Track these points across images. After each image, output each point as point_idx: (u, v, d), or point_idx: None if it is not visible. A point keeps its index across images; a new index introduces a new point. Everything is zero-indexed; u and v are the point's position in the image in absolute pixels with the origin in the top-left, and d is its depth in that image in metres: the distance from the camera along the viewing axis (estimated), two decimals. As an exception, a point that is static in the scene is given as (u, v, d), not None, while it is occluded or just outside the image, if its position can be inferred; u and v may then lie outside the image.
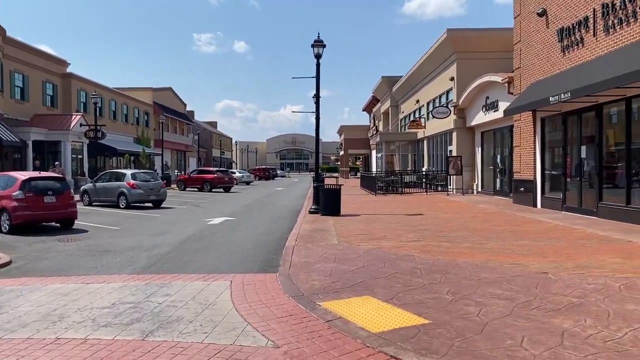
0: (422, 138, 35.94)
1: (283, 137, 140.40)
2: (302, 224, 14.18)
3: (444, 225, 13.41)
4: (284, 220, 16.71)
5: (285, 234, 12.73)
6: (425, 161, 35.35)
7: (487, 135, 25.90)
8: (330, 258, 8.99)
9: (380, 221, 14.67)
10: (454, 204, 20.62)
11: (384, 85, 48.99)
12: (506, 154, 23.25)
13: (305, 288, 6.99)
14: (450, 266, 8.04)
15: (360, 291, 6.70)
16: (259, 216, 18.62)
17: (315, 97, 17.87)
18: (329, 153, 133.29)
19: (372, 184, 29.70)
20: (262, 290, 7.10)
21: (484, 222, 13.99)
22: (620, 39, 12.46)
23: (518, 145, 19.26)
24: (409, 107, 40.96)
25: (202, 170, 41.80)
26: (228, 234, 13.66)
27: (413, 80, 38.25)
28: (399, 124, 46.31)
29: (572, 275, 7.12)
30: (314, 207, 17.53)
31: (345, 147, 70.61)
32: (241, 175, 54.36)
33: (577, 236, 10.91)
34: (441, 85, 30.97)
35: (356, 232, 12.41)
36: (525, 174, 18.66)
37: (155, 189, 23.00)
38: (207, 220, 17.06)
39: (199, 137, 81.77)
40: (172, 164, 63.15)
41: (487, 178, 26.09)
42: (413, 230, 12.58)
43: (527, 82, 18.30)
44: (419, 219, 15.07)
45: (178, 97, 69.60)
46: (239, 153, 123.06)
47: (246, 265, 9.34)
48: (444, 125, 29.44)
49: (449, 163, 26.53)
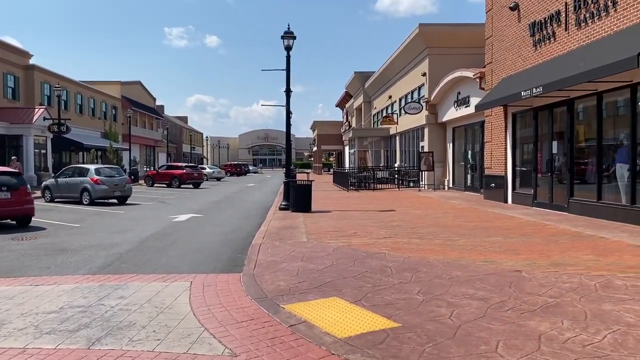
0: (394, 134, 35.83)
1: (256, 132, 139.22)
2: (271, 221, 13.77)
3: (416, 222, 13.16)
4: (252, 217, 16.26)
5: (252, 232, 12.30)
6: (397, 157, 35.26)
7: (459, 131, 25.87)
8: (298, 257, 8.61)
9: (352, 218, 14.36)
10: (426, 200, 20.47)
11: (356, 81, 48.76)
12: (477, 150, 23.23)
13: (270, 289, 6.60)
14: (421, 264, 7.75)
15: (327, 292, 6.34)
16: (227, 213, 18.12)
17: (286, 90, 17.44)
18: (302, 149, 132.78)
19: (344, 180, 29.42)
20: (223, 292, 6.69)
21: (455, 218, 13.80)
22: (592, 33, 12.38)
23: (489, 140, 19.19)
24: (381, 103, 40.82)
25: (171, 165, 40.90)
26: (193, 231, 13.16)
27: (385, 76, 38.10)
28: (371, 119, 46.16)
29: (546, 274, 6.90)
30: (284, 203, 17.13)
31: (318, 143, 70.28)
32: (212, 171, 53.48)
33: (549, 232, 10.77)
34: (413, 81, 30.85)
35: (326, 229, 12.06)
36: (496, 169, 18.59)
37: (120, 185, 22.25)
38: (172, 217, 16.49)
39: (169, 132, 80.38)
40: (140, 160, 61.87)
41: (458, 174, 26.07)
42: (384, 226, 12.29)
43: (498, 77, 18.21)
44: (390, 215, 14.81)
45: (147, 91, 68.20)
46: (211, 149, 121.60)
47: (209, 264, 8.90)
48: (416, 121, 29.34)
49: (421, 159, 26.43)
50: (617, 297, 5.67)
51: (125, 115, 56.19)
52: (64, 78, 43.53)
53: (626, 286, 6.12)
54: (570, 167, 13.87)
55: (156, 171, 39.70)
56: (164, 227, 14.10)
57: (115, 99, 55.56)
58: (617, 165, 12.24)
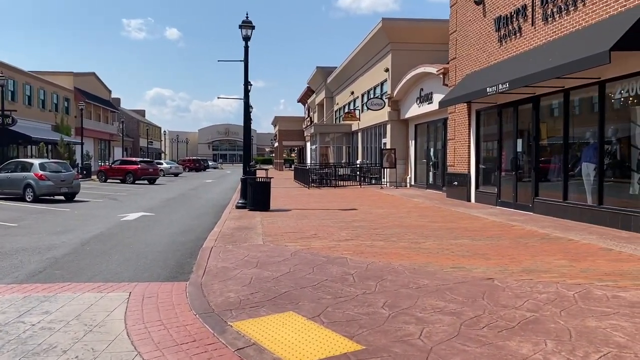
0: (356, 130, 35.36)
1: (216, 127, 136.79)
2: (226, 221, 12.95)
3: (379, 222, 12.59)
4: (207, 216, 15.38)
5: (205, 233, 11.47)
6: (359, 154, 34.81)
7: (421, 128, 25.55)
8: (252, 262, 7.88)
9: (312, 217, 13.68)
10: (388, 198, 20.00)
11: (318, 76, 48.10)
12: (439, 147, 22.93)
13: (218, 302, 5.85)
14: (386, 271, 7.14)
15: (282, 305, 5.65)
16: (181, 211, 17.16)
17: (244, 82, 16.59)
18: (263, 145, 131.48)
19: (305, 176, 28.74)
20: (165, 306, 5.91)
21: (419, 218, 13.31)
22: (559, 29, 12.05)
23: (452, 138, 18.85)
24: (343, 99, 40.30)
25: (125, 160, 39.35)
26: (141, 232, 12.21)
27: (348, 72, 37.57)
28: (333, 115, 45.62)
29: (520, 282, 6.39)
30: (241, 201, 16.31)
31: (280, 139, 69.33)
32: (169, 167, 51.95)
33: (517, 234, 10.37)
34: (376, 76, 30.41)
35: (285, 229, 11.34)
36: (459, 167, 18.26)
37: (67, 181, 20.93)
38: (121, 216, 15.45)
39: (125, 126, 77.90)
40: (95, 154, 59.58)
41: (421, 171, 25.77)
42: (346, 227, 11.67)
43: (462, 73, 17.86)
44: (352, 215, 14.21)
45: (102, 83, 65.74)
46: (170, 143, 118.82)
47: (153, 271, 8.06)
48: (379, 117, 28.91)
49: (383, 156, 25.99)
50: (599, 311, 5.18)
51: (77, 108, 54.00)
52: (9, 67, 41.22)
53: (607, 297, 5.65)
54: (535, 166, 13.57)
55: (109, 166, 38.11)
56: (110, 227, 13.10)
57: (68, 91, 53.23)
58: (582, 164, 11.97)
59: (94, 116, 61.45)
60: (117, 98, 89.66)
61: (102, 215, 15.88)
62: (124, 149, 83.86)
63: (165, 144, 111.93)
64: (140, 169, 35.92)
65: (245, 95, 16.46)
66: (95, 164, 53.61)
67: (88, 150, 52.09)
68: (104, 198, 22.67)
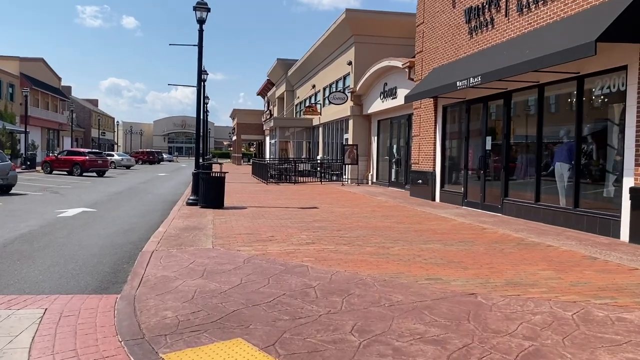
0: (317, 125, 34.42)
1: (172, 119, 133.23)
2: (174, 220, 11.76)
3: (342, 222, 11.66)
4: (153, 214, 14.11)
5: (149, 233, 10.27)
6: (320, 149, 33.88)
7: (384, 124, 24.82)
8: (197, 270, 6.79)
9: (270, 216, 12.63)
10: (350, 196, 19.13)
11: (279, 69, 46.86)
12: (403, 144, 22.24)
13: (151, 324, 4.78)
14: (352, 283, 6.19)
15: (229, 329, 4.62)
16: (126, 207, 15.78)
17: (198, 69, 15.35)
18: (221, 138, 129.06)
19: (263, 171, 27.60)
20: (85, 328, 4.80)
21: (384, 219, 12.46)
22: (536, 20, 11.38)
23: (417, 134, 18.12)
24: (304, 92, 39.26)
25: (72, 151, 37.13)
26: (77, 231, 10.88)
27: (310, 64, 36.55)
28: (294, 109, 44.53)
29: (507, 299, 5.55)
30: (192, 198, 15.09)
31: (238, 132, 67.68)
32: (120, 159, 49.68)
33: (490, 238, 9.62)
34: (339, 70, 29.52)
35: (239, 230, 10.26)
36: (424, 165, 17.55)
37: (1, 172, 19.14)
38: (59, 212, 14.01)
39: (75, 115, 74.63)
40: (42, 144, 56.54)
41: (383, 169, 25.05)
42: (307, 228, 10.67)
43: (429, 67, 17.12)
44: (313, 214, 13.23)
45: (52, 69, 62.55)
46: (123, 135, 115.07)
47: (81, 279, 6.87)
48: (341, 112, 28.04)
49: (345, 152, 25.14)
50: (608, 339, 4.37)
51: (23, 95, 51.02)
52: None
53: (610, 320, 4.87)
54: (505, 165, 12.94)
55: (55, 157, 35.85)
56: (44, 224, 11.70)
57: (12, 77, 50.26)
58: (556, 164, 11.37)
59: (42, 104, 58.36)
60: (68, 86, 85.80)
61: (37, 210, 14.38)
62: (75, 140, 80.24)
63: (119, 135, 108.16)
64: (89, 161, 33.93)
65: (198, 83, 15.22)
66: (42, 155, 50.78)
67: (34, 139, 49.28)
68: (45, 191, 20.95)
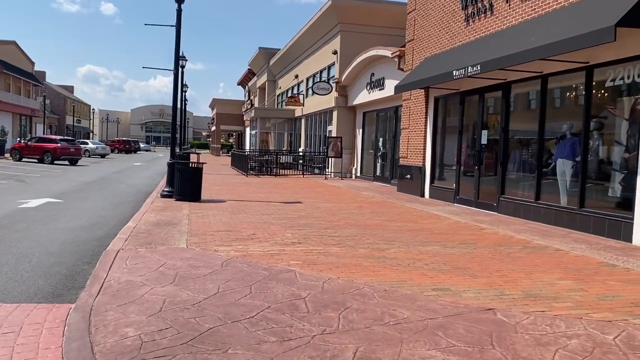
0: (300, 116, 33.46)
1: (150, 108, 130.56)
2: (146, 213, 10.76)
3: (329, 219, 10.80)
4: (125, 205, 13.08)
5: (117, 228, 9.28)
6: (302, 141, 32.94)
7: (370, 116, 24.00)
8: (168, 275, 5.87)
9: (250, 210, 11.71)
10: (335, 190, 18.28)
11: (260, 58, 45.68)
12: (389, 138, 21.45)
13: (107, 346, 3.87)
14: (349, 294, 5.34)
15: (204, 354, 3.73)
16: (95, 198, 14.69)
17: (175, 51, 14.28)
18: (200, 129, 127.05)
19: (243, 163, 26.59)
20: (23, 352, 3.88)
21: (373, 215, 11.63)
22: (540, 5, 10.60)
23: (406, 127, 17.33)
24: (287, 83, 38.24)
25: (43, 138, 35.56)
26: (37, 224, 9.83)
27: (293, 54, 35.51)
28: (275, 99, 43.46)
29: (531, 317, 4.75)
30: (167, 189, 14.08)
31: (217, 123, 66.25)
32: (95, 147, 48.06)
33: (492, 240, 8.85)
34: (323, 59, 28.58)
35: (216, 227, 9.32)
36: (413, 159, 16.77)
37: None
38: (21, 202, 12.89)
39: (48, 101, 72.37)
40: (14, 130, 54.46)
41: (367, 162, 24.26)
42: (291, 225, 9.78)
43: (421, 56, 16.31)
44: (297, 209, 12.35)
45: (24, 53, 60.25)
46: (100, 123, 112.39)
47: (32, 283, 5.90)
48: (325, 103, 27.13)
49: (329, 144, 24.26)
50: (669, 373, 3.60)
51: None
52: None
53: (661, 345, 4.09)
54: (503, 161, 12.20)
55: (25, 144, 34.26)
56: (0, 216, 10.61)
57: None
58: (558, 161, 10.66)
59: (14, 89, 56.16)
60: (42, 71, 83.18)
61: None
62: (49, 127, 77.83)
63: (95, 123, 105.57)
64: (60, 148, 32.47)
65: (175, 67, 14.16)
66: (12, 142, 48.85)
67: (4, 125, 47.34)
68: (10, 179, 19.67)
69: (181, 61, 28.00)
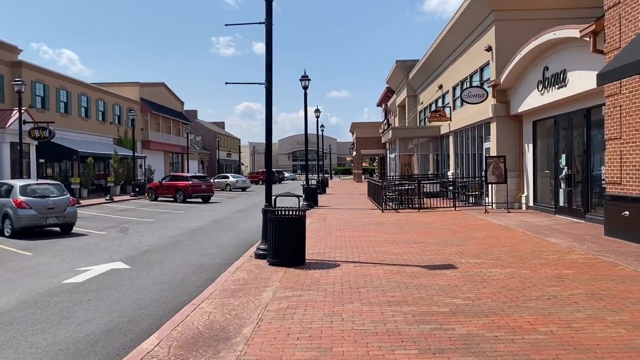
0: (446, 133, 28.05)
1: (296, 137, 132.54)
2: (204, 302, 6.56)
3: (510, 314, 5.68)
4: (197, 277, 9.12)
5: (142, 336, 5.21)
6: (451, 163, 27.40)
7: (543, 126, 18.01)
8: None
9: (369, 292, 7.02)
10: (503, 234, 12.82)
11: (398, 72, 41.07)
12: (579, 153, 15.38)
13: None
14: None
15: None
16: (174, 260, 11.03)
17: (267, 52, 10.28)
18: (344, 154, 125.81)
19: (378, 194, 22.00)
20: None
21: (594, 302, 6.24)
22: None
23: (616, 136, 11.43)
24: (429, 96, 33.05)
25: (175, 176, 34.49)
26: (53, 319, 6.14)
27: (434, 61, 30.37)
28: (417, 117, 38.41)
29: None
30: (262, 247, 10.03)
31: (358, 147, 62.73)
32: (235, 181, 46.99)
33: None
34: (473, 61, 23.12)
35: (295, 348, 4.80)
36: (631, 185, 10.82)
37: (57, 209, 15.73)
38: (79, 271, 9.72)
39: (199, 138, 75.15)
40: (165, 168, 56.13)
41: (543, 188, 18.19)
42: (441, 336, 4.90)
43: (635, 26, 10.49)
44: (449, 285, 7.38)
45: (173, 93, 62.61)
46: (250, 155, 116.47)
47: None
48: (478, 114, 21.59)
49: (487, 166, 18.67)
50: None
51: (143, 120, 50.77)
52: (63, 77, 38.05)
53: None
54: None
55: (160, 183, 33.36)
56: (20, 301, 7.25)
57: (133, 102, 49.97)
58: None
59: (164, 128, 58.24)
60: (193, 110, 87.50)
61: (51, 269, 10.18)
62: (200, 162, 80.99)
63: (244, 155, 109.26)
64: (192, 186, 30.89)
65: (267, 80, 10.14)
66: (161, 180, 49.90)
67: (150, 164, 48.38)
68: (113, 228, 17.30)
69: (304, 82, 24.70)
